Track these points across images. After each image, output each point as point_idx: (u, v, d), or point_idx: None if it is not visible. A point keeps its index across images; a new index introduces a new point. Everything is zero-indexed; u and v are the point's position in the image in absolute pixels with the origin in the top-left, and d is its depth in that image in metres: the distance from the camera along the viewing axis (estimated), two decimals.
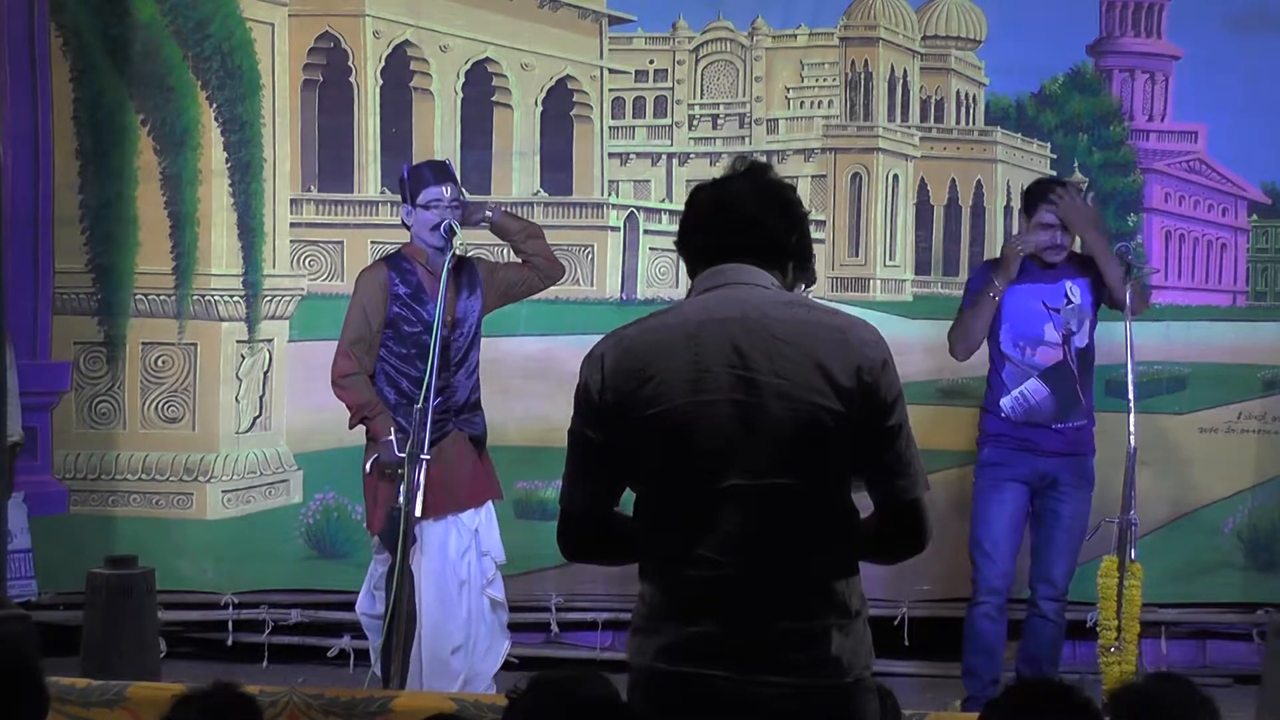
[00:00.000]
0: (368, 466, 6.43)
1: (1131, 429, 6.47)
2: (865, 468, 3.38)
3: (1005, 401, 6.64)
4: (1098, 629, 6.65)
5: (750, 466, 3.32)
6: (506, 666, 6.62)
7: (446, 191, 6.45)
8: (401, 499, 6.20)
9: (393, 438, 6.29)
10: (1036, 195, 6.67)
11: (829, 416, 3.31)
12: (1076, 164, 7.82)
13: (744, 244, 3.45)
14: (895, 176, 8.08)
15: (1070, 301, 6.65)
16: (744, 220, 3.45)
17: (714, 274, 3.45)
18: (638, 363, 3.37)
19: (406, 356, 6.42)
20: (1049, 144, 7.95)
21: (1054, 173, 7.73)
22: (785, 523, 3.33)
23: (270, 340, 8.04)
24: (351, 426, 6.51)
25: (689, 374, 3.34)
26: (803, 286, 6.11)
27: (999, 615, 6.61)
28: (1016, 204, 6.72)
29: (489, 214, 6.55)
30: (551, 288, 6.78)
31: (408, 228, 6.54)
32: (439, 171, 6.56)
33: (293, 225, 8.08)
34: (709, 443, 3.32)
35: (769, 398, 3.31)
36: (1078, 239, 6.68)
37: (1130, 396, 6.50)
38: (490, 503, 6.58)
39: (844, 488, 3.40)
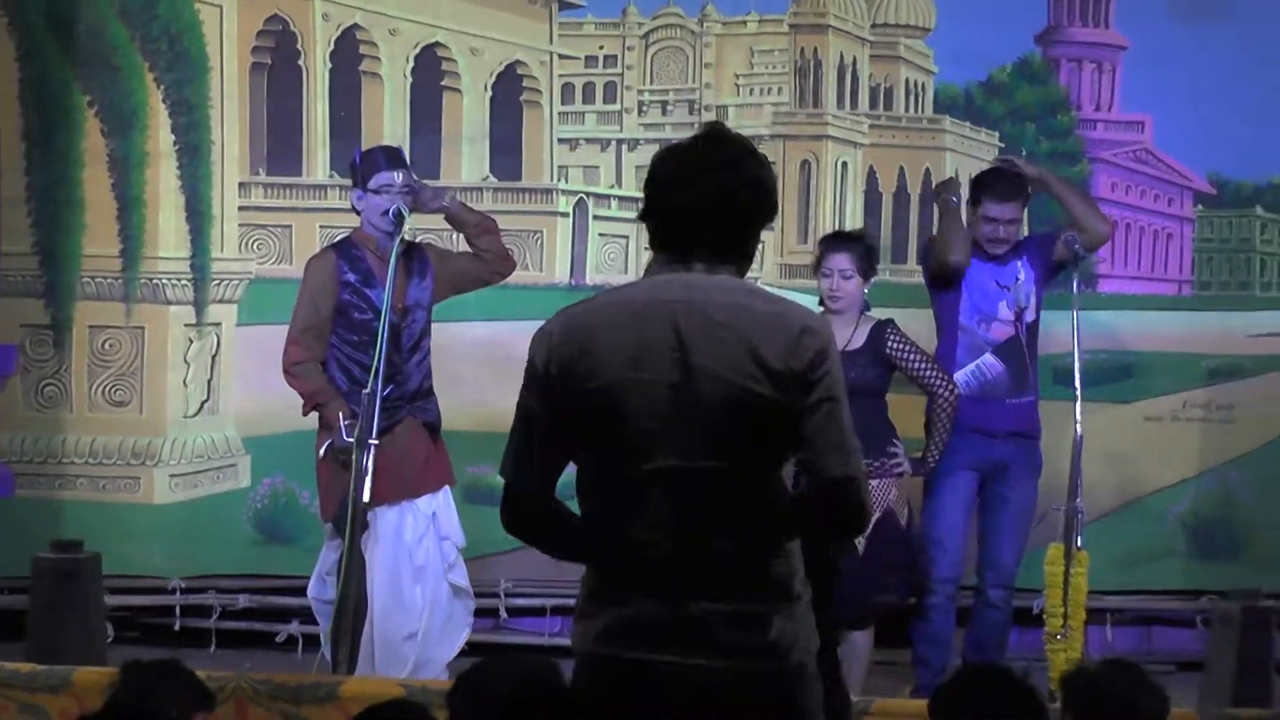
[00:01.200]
0: (321, 453, 6.42)
1: (1078, 417, 6.52)
2: (800, 448, 3.35)
3: (960, 376, 6.64)
4: (1044, 616, 6.69)
5: (682, 448, 3.32)
6: None
7: (398, 176, 6.43)
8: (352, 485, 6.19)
9: (343, 424, 6.27)
10: (981, 186, 6.72)
11: (761, 400, 3.30)
12: (1024, 153, 7.84)
13: (707, 243, 3.39)
14: (844, 164, 8.10)
15: (1019, 279, 6.72)
16: (707, 222, 3.38)
17: (669, 257, 3.44)
18: (583, 336, 3.37)
19: (358, 344, 6.39)
20: (997, 133, 7.99)
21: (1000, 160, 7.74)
22: (716, 505, 3.33)
23: (218, 324, 8.00)
24: (305, 414, 6.50)
25: (630, 351, 3.34)
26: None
27: (950, 604, 6.65)
28: (964, 192, 6.74)
29: (446, 204, 6.54)
30: None
31: (358, 212, 6.51)
32: (391, 156, 6.55)
33: (241, 209, 8.04)
34: (642, 422, 3.32)
35: (702, 380, 3.31)
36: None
37: (1077, 384, 6.55)
38: (448, 488, 6.57)
39: (776, 471, 3.40)
